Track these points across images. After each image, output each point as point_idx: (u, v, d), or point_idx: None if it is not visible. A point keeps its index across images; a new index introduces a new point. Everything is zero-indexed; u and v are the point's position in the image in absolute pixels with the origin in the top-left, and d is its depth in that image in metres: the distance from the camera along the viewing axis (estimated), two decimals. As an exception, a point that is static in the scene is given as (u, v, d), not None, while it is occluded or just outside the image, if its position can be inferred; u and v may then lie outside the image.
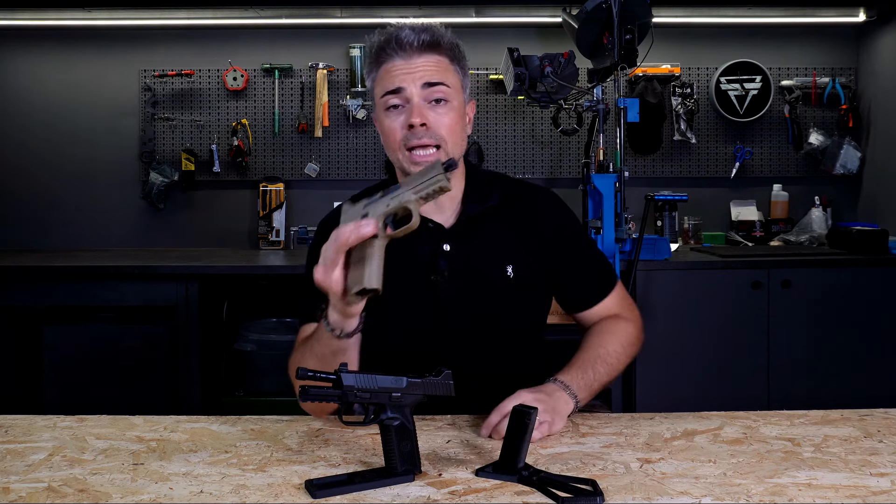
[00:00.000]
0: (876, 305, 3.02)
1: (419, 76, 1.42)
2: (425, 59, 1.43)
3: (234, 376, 3.34)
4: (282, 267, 3.16)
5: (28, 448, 1.23)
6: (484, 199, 1.52)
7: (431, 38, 1.44)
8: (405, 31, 1.44)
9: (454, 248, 1.48)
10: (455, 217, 1.51)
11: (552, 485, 1.07)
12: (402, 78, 1.42)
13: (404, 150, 1.42)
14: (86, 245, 3.76)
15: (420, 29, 1.44)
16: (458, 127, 1.45)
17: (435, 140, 1.42)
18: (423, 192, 1.19)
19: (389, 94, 1.43)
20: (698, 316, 3.00)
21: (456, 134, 1.44)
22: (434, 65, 1.44)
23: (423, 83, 1.42)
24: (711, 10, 3.69)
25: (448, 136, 1.43)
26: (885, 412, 1.41)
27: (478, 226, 1.50)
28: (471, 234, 1.49)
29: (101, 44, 3.75)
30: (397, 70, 1.43)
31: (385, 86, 1.44)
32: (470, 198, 1.51)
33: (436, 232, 1.49)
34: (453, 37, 1.48)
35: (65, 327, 3.16)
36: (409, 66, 1.42)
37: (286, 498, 1.05)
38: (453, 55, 1.47)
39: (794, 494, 1.06)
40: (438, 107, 1.43)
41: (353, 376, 1.11)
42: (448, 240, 1.48)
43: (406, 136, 1.42)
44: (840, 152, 3.67)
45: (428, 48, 1.44)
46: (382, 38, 1.46)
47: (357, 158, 3.77)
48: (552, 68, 2.89)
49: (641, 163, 3.76)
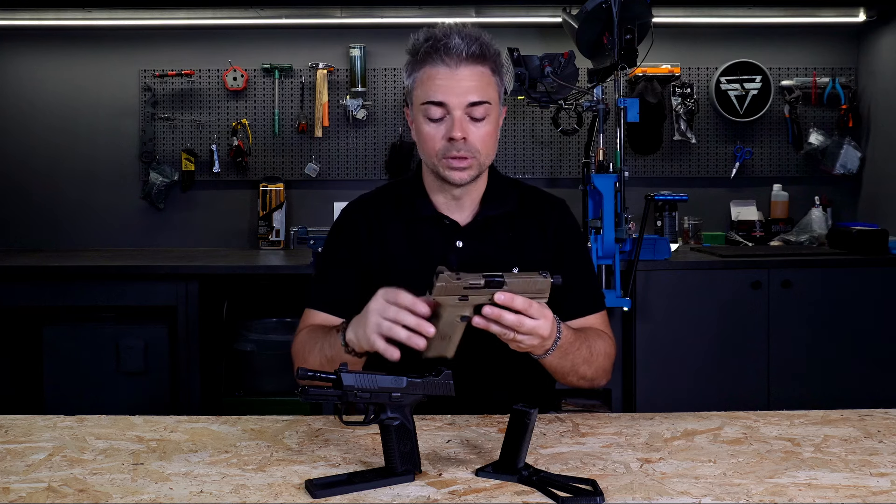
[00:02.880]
0: (876, 305, 3.02)
1: (463, 92, 1.45)
2: (470, 70, 1.46)
3: (234, 376, 3.34)
4: (282, 267, 3.16)
5: (28, 448, 1.23)
6: (501, 203, 1.59)
7: (479, 51, 1.46)
8: (454, 39, 1.45)
9: (466, 246, 1.55)
10: (472, 217, 1.58)
11: (552, 485, 1.07)
12: (445, 91, 1.45)
13: (441, 158, 1.49)
14: (86, 245, 3.76)
15: (469, 39, 1.46)
16: (493, 139, 1.52)
17: (471, 153, 1.48)
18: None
19: (432, 104, 1.47)
20: (698, 316, 3.00)
21: (490, 146, 1.51)
22: (478, 79, 1.47)
23: (468, 102, 1.46)
24: (711, 10, 3.69)
25: (483, 148, 1.49)
26: (885, 412, 1.41)
27: (492, 227, 1.57)
28: (484, 233, 1.57)
29: (101, 44, 3.75)
30: (442, 79, 1.46)
31: (428, 94, 1.47)
32: (489, 200, 1.59)
33: (451, 229, 1.56)
34: (496, 46, 1.51)
35: (65, 327, 3.16)
36: (454, 77, 1.45)
37: (286, 498, 1.05)
38: (495, 66, 1.50)
39: (794, 494, 1.06)
40: (479, 123, 1.48)
41: (353, 376, 1.11)
42: (462, 237, 1.56)
43: (445, 147, 1.48)
44: (840, 152, 3.67)
45: (474, 59, 1.46)
46: (430, 41, 1.47)
47: (357, 158, 3.77)
48: (552, 68, 2.89)
49: (641, 163, 3.76)
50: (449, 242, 1.55)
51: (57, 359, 3.12)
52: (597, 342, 1.50)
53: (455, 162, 1.48)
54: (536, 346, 1.31)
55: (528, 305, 1.24)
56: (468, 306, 1.24)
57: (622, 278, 2.87)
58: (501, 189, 1.61)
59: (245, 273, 3.17)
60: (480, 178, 1.57)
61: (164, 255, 3.39)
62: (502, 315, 1.23)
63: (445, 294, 1.23)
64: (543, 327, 1.27)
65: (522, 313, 1.24)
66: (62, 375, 3.11)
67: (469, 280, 1.23)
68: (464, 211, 1.58)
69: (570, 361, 1.42)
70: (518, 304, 1.23)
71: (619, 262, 2.86)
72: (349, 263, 1.59)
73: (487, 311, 1.22)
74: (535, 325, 1.25)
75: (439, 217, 1.57)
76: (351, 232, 1.61)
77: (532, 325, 1.25)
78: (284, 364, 1.50)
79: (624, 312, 2.94)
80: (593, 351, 1.48)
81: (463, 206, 1.58)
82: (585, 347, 1.45)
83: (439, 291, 1.23)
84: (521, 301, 1.23)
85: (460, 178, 1.50)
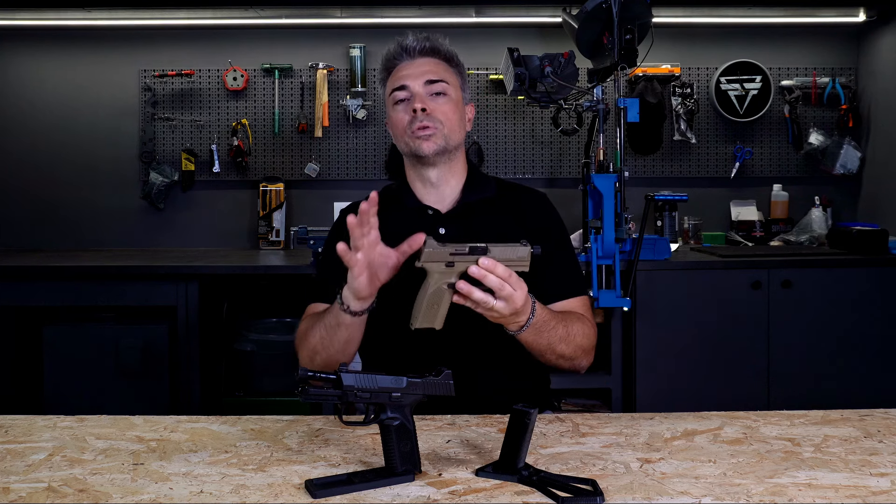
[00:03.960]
0: (876, 305, 3.02)
1: (420, 74, 1.64)
2: (426, 59, 1.67)
3: (234, 376, 3.34)
4: (282, 267, 3.16)
5: (28, 448, 1.23)
6: (481, 191, 1.70)
7: (431, 44, 1.68)
8: (409, 38, 1.67)
9: (449, 232, 1.64)
10: (453, 205, 1.68)
11: (552, 485, 1.07)
12: (406, 76, 1.65)
13: (409, 133, 1.62)
14: (86, 245, 3.76)
15: (422, 37, 1.68)
16: (456, 116, 1.66)
17: (434, 123, 1.61)
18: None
19: (397, 90, 1.65)
20: (698, 316, 3.00)
21: (453, 122, 1.64)
22: (433, 66, 1.67)
23: (425, 80, 1.64)
24: (711, 10, 3.69)
25: (446, 121, 1.63)
26: (885, 412, 1.41)
27: (473, 213, 1.67)
28: (466, 219, 1.66)
29: (101, 44, 3.75)
30: (403, 69, 1.66)
31: (393, 84, 1.66)
32: (469, 190, 1.69)
33: (434, 217, 1.67)
34: (451, 47, 1.71)
35: (65, 327, 3.16)
36: (412, 65, 1.66)
37: (286, 498, 1.05)
38: (451, 61, 1.70)
39: (794, 494, 1.06)
40: (438, 98, 1.64)
41: (353, 376, 1.11)
42: (444, 224, 1.65)
43: (410, 121, 1.62)
44: (840, 152, 3.67)
45: (429, 52, 1.67)
46: (391, 48, 1.69)
47: (357, 158, 3.77)
48: (552, 68, 2.89)
49: (641, 163, 3.76)
50: (432, 230, 1.62)
51: (57, 359, 3.12)
52: (574, 322, 1.57)
53: (420, 131, 1.60)
54: (509, 318, 1.39)
55: (508, 275, 1.33)
56: (454, 273, 1.34)
57: (622, 278, 2.87)
58: (481, 179, 1.73)
59: (245, 273, 3.17)
60: (456, 165, 1.68)
61: (164, 255, 3.39)
62: (486, 276, 1.31)
63: (432, 260, 1.33)
64: (519, 297, 1.35)
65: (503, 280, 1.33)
66: (62, 375, 3.11)
67: (454, 247, 1.34)
68: (445, 201, 1.68)
69: (545, 339, 1.49)
70: (500, 270, 1.32)
71: (619, 262, 2.86)
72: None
73: (473, 270, 1.31)
74: (511, 293, 1.34)
75: (423, 207, 1.67)
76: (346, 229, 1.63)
77: (509, 291, 1.33)
78: (284, 364, 1.52)
79: (624, 312, 2.94)
80: (570, 330, 1.54)
81: (444, 195, 1.68)
82: (562, 327, 1.52)
83: (427, 257, 1.33)
84: (502, 268, 1.32)
85: (427, 148, 1.61)
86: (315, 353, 1.52)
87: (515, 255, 1.35)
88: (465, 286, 1.32)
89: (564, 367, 1.59)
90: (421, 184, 1.68)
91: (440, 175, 1.66)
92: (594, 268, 2.82)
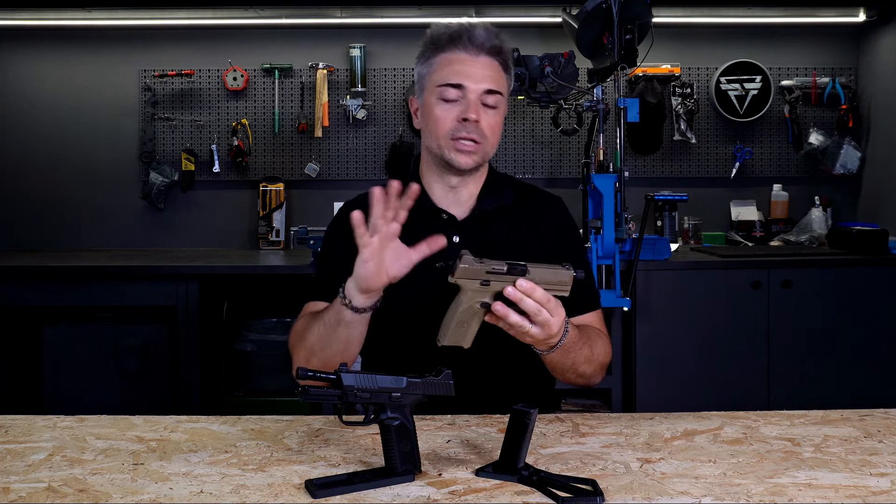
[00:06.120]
0: (876, 305, 3.02)
1: (481, 78, 1.52)
2: (489, 60, 1.54)
3: (234, 376, 3.33)
4: (282, 267, 3.16)
5: (28, 448, 1.23)
6: (498, 198, 1.61)
7: (499, 43, 1.56)
8: (478, 30, 1.54)
9: (463, 240, 1.56)
10: (469, 211, 1.60)
11: (552, 485, 1.07)
12: (465, 75, 1.52)
13: (449, 139, 1.52)
14: (86, 245, 3.76)
15: (490, 32, 1.56)
16: (499, 130, 1.57)
17: (480, 138, 1.52)
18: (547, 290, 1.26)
19: (450, 86, 1.52)
20: (698, 316, 3.00)
21: (496, 136, 1.56)
22: (494, 70, 1.55)
23: (485, 89, 1.52)
24: (711, 10, 3.69)
25: (490, 136, 1.54)
26: (885, 412, 1.41)
27: (488, 221, 1.60)
28: (481, 228, 1.59)
29: (101, 44, 3.75)
30: (462, 64, 1.53)
31: (447, 77, 1.53)
32: (485, 195, 1.61)
33: (448, 223, 1.58)
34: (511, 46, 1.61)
35: (65, 327, 3.16)
36: (474, 64, 1.53)
37: (286, 498, 1.05)
38: (507, 65, 1.59)
39: (794, 494, 1.06)
40: (489, 110, 1.54)
41: (353, 376, 1.11)
42: (459, 231, 1.57)
43: (456, 128, 1.52)
44: (840, 152, 3.67)
45: (493, 52, 1.55)
46: (452, 30, 1.55)
47: (357, 158, 3.77)
48: (552, 68, 2.89)
49: (641, 163, 3.76)
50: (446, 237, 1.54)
51: (57, 359, 3.12)
52: (598, 342, 1.52)
53: (463, 144, 1.51)
54: (542, 341, 1.32)
55: (546, 300, 1.25)
56: (489, 292, 1.25)
57: (622, 278, 2.87)
58: (499, 184, 1.64)
59: (245, 273, 3.17)
60: (480, 172, 1.61)
61: (164, 255, 3.39)
62: (523, 299, 1.23)
63: (467, 277, 1.23)
64: (556, 324, 1.29)
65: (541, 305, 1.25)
66: (62, 375, 3.11)
67: (492, 265, 1.23)
68: (461, 206, 1.60)
69: (570, 359, 1.43)
70: (538, 295, 1.24)
71: (619, 262, 2.86)
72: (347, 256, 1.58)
73: (510, 292, 1.23)
74: (547, 319, 1.27)
75: (437, 211, 1.59)
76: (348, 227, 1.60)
77: (545, 317, 1.26)
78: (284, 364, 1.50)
79: (624, 312, 2.94)
80: (594, 351, 1.49)
81: (461, 199, 1.60)
82: (587, 347, 1.47)
83: (461, 274, 1.23)
84: (541, 293, 1.24)
85: (465, 163, 1.53)
86: (312, 353, 1.44)
87: (556, 278, 1.26)
88: (502, 308, 1.24)
89: (578, 384, 1.54)
90: (440, 186, 1.60)
91: (462, 180, 1.59)
92: (594, 268, 2.82)
